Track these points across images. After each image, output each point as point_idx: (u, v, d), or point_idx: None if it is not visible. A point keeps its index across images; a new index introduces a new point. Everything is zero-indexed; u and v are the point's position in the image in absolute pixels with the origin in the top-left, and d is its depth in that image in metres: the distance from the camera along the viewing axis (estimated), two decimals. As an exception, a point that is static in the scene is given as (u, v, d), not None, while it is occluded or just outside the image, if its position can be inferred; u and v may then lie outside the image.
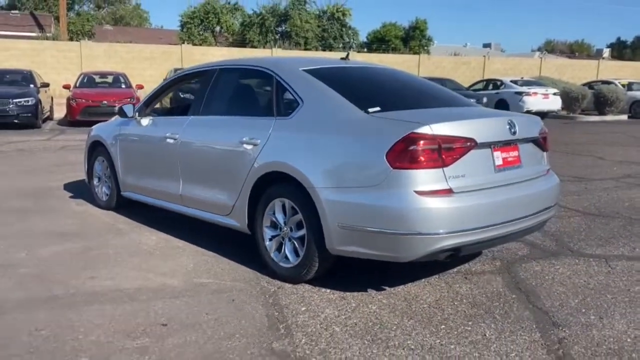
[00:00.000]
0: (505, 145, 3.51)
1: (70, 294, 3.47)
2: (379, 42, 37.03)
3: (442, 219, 3.12)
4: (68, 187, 6.86)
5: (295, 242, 3.65)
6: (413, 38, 36.69)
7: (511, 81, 20.63)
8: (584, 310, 3.33)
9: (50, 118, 16.55)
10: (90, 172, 6.00)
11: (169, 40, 36.33)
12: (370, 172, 3.20)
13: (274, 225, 3.79)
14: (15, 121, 13.55)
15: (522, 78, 21.74)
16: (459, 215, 3.16)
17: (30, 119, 13.81)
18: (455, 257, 3.33)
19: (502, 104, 19.97)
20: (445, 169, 3.15)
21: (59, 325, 3.01)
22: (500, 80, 21.12)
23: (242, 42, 33.62)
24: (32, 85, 14.95)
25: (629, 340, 2.96)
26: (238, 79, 4.51)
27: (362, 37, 37.90)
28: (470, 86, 21.77)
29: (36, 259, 4.13)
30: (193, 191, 4.44)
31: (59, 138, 12.43)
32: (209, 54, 24.19)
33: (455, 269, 4.01)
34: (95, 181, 5.91)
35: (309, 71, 3.89)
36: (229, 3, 34.98)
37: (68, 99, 14.83)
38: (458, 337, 2.96)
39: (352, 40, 38.16)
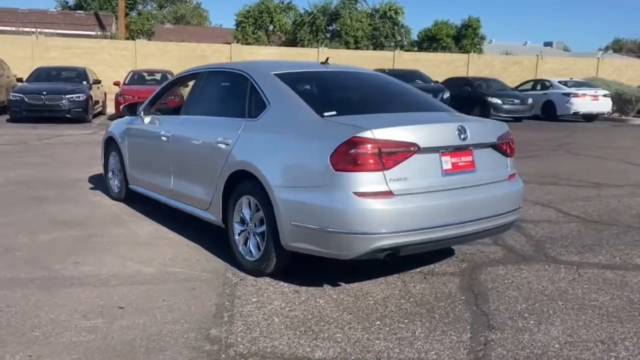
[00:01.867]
0: (456, 150, 3.59)
1: (50, 277, 3.83)
2: (429, 40, 36.60)
3: (380, 220, 3.25)
4: (92, 179, 7.35)
5: (257, 238, 3.87)
6: (465, 37, 36.03)
7: (559, 82, 20.01)
8: (526, 315, 3.37)
9: (102, 113, 17.52)
10: (106, 165, 6.44)
11: (225, 39, 37.31)
12: (317, 173, 3.37)
13: (242, 221, 4.02)
14: (67, 115, 14.45)
15: (571, 79, 21.03)
16: (398, 217, 3.29)
17: (81, 114, 14.69)
18: (395, 257, 3.45)
19: (549, 106, 19.46)
20: (385, 172, 3.28)
21: (28, 304, 3.36)
22: (549, 81, 20.54)
23: (293, 42, 34.11)
24: (84, 82, 15.87)
25: (556, 346, 3.00)
26: (220, 82, 4.78)
27: (414, 36, 37.55)
28: (517, 87, 21.27)
29: (35, 244, 4.55)
30: (181, 186, 4.75)
31: (103, 132, 13.14)
32: (258, 53, 24.76)
33: (418, 269, 4.11)
34: (110, 174, 6.34)
35: (279, 75, 4.10)
36: (282, 2, 35.51)
37: (116, 95, 15.63)
38: (388, 334, 3.10)
39: (403, 38, 37.93)
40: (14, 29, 25.45)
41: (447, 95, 18.28)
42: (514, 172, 4.04)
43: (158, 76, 17.67)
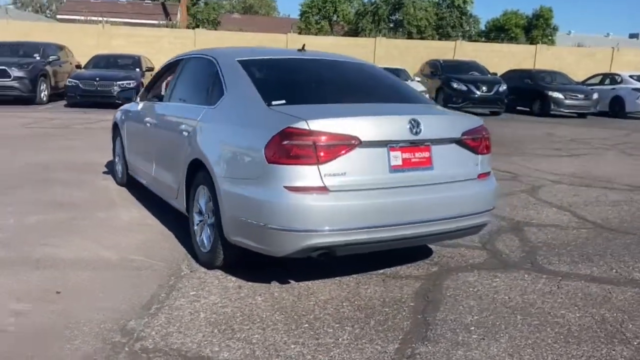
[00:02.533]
0: (410, 145, 3.32)
1: (11, 257, 3.91)
2: (497, 30, 35.14)
3: (312, 217, 3.06)
4: (110, 164, 7.53)
5: (209, 229, 3.77)
6: (536, 27, 34.28)
7: (631, 76, 18.59)
8: (472, 328, 3.08)
9: None
10: (114, 150, 6.57)
11: (289, 29, 37.54)
12: (253, 165, 3.22)
13: (200, 212, 3.94)
14: (118, 101, 14.95)
15: (643, 72, 19.51)
16: (333, 214, 3.08)
17: (130, 100, 15.16)
18: (330, 257, 3.24)
19: (617, 101, 18.19)
20: (320, 166, 3.07)
21: None
22: (619, 75, 19.15)
23: (355, 31, 33.79)
24: (137, 69, 16.38)
25: (489, 365, 2.71)
26: (194, 68, 4.69)
27: (481, 26, 36.18)
28: (584, 81, 19.98)
29: (18, 226, 4.67)
30: (158, 173, 4.73)
31: None
32: (314, 43, 24.57)
33: (382, 270, 3.88)
34: (116, 159, 6.46)
35: (242, 61, 3.96)
36: (346, -9, 35.31)
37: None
38: (309, 338, 2.91)
39: (471, 28, 36.65)
40: (82, 18, 26.73)
41: (503, 87, 17.46)
42: (487, 170, 3.71)
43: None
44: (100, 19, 24.75)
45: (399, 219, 3.25)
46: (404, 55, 23.85)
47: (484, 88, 17.22)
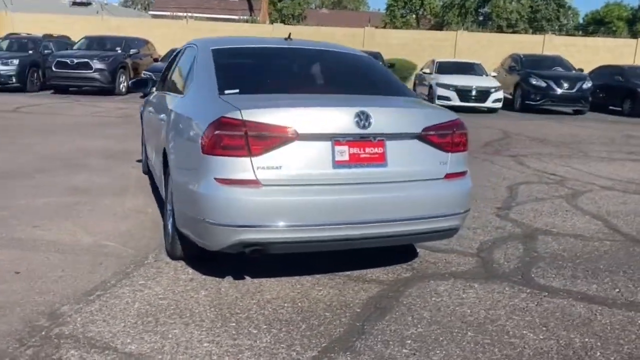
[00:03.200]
0: (360, 140, 3.08)
1: (-4, 237, 4.11)
2: (596, 24, 32.64)
3: (242, 211, 2.92)
4: (148, 152, 7.78)
5: (172, 219, 3.74)
6: (641, 19, 31.47)
7: None
8: (409, 342, 2.81)
9: None
10: (142, 139, 6.76)
11: (375, 23, 37.20)
12: (193, 155, 3.13)
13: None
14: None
15: None
16: (265, 210, 2.92)
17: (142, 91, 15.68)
18: (262, 254, 3.07)
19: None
20: (253, 158, 2.92)
21: None
22: None
23: (441, 25, 32.83)
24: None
25: (403, 384, 2.45)
26: (183, 57, 4.66)
27: (580, 19, 33.79)
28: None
29: (25, 206, 4.91)
30: (154, 162, 4.78)
31: None
32: (391, 37, 24.24)
33: (349, 272, 3.65)
34: (142, 148, 6.64)
35: (215, 50, 3.87)
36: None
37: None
38: (227, 338, 2.79)
39: (570, 21, 34.39)
40: (169, 13, 27.98)
41: (588, 85, 16.16)
42: (459, 170, 3.38)
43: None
44: (184, 14, 25.78)
45: (343, 218, 3.03)
46: (487, 49, 22.77)
47: (566, 85, 16.03)
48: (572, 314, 3.19)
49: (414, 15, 36.95)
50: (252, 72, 3.77)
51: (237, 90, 3.34)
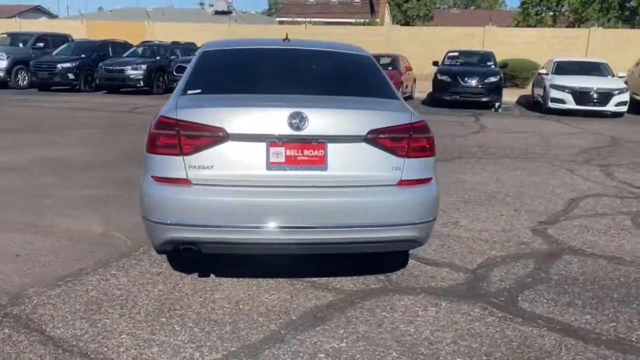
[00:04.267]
0: (298, 141, 2.97)
1: (23, 221, 4.57)
2: None
3: (171, 210, 2.96)
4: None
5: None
6: None
7: None
8: (321, 355, 2.66)
9: (410, 97, 17.72)
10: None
11: (508, 23, 35.41)
12: (144, 154, 3.23)
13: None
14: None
15: None
16: (195, 209, 2.94)
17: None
18: (195, 253, 3.06)
19: None
20: (185, 157, 2.95)
21: None
22: None
23: (579, 22, 30.29)
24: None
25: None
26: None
27: None
28: None
29: (70, 196, 5.42)
30: None
31: None
32: (513, 35, 22.87)
33: (316, 279, 3.55)
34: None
35: (205, 52, 3.94)
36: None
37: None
38: (148, 332, 2.85)
39: None
40: (289, 19, 28.94)
41: None
42: (416, 177, 3.11)
43: (386, 60, 17.91)
44: (306, 19, 26.53)
45: (278, 222, 2.94)
46: (624, 48, 20.56)
47: None
48: (531, 346, 2.80)
49: (550, 13, 34.47)
50: (225, 73, 3.79)
51: (199, 91, 3.40)
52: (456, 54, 17.34)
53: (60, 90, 17.74)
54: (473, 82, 15.10)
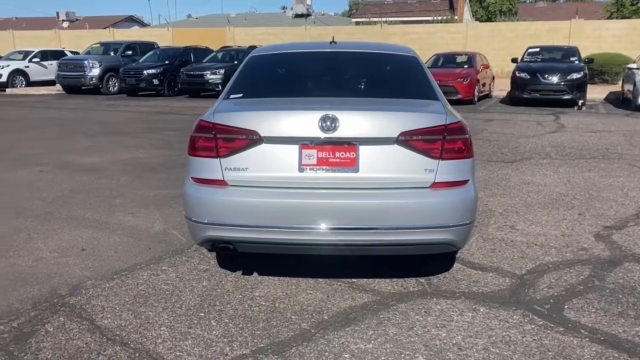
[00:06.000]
0: (329, 143, 3.01)
1: (97, 218, 4.92)
2: None
3: (209, 209, 3.09)
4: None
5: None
6: None
7: None
8: (346, 356, 2.69)
9: (489, 96, 17.39)
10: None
11: (600, 15, 33.48)
12: (186, 156, 3.38)
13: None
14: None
15: None
16: (230, 209, 3.05)
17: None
18: (232, 251, 3.17)
19: None
20: (222, 159, 3.07)
21: (35, 230, 4.53)
22: None
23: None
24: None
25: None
26: None
27: None
28: None
29: (140, 196, 5.76)
30: None
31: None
32: (602, 28, 21.53)
33: (357, 280, 3.57)
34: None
35: (253, 57, 4.06)
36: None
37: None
38: (185, 325, 3.00)
39: None
40: (364, 19, 28.82)
41: None
42: (451, 179, 3.05)
43: (463, 58, 17.48)
44: (382, 19, 26.38)
45: (310, 223, 3.00)
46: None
47: None
48: (569, 357, 2.67)
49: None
50: (267, 77, 3.89)
51: (241, 95, 3.52)
52: (537, 49, 16.60)
53: (147, 95, 18.80)
54: (554, 79, 14.41)
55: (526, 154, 8.20)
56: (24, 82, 22.14)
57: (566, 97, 14.30)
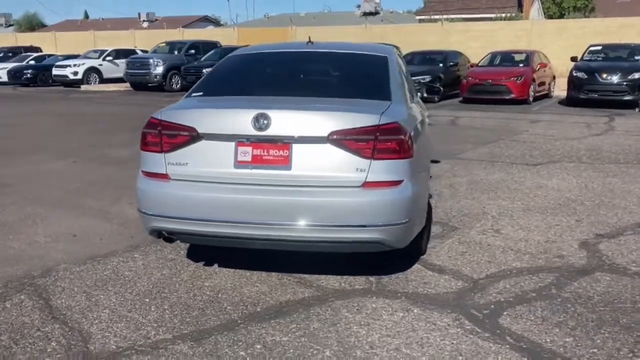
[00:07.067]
0: (264, 141, 3.10)
1: (102, 208, 5.27)
2: None
3: (153, 201, 3.27)
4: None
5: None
6: None
7: None
8: (258, 347, 2.79)
9: (548, 96, 16.96)
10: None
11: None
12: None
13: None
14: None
15: None
16: (171, 202, 3.21)
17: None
18: (172, 241, 3.35)
19: None
20: (165, 154, 3.24)
21: (34, 217, 4.91)
22: None
23: None
24: (440, 65, 16.76)
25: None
26: None
27: None
28: None
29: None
30: None
31: (456, 114, 13.47)
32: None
33: (308, 276, 3.65)
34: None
35: (230, 56, 4.22)
36: None
37: (463, 78, 15.95)
38: (126, 309, 3.20)
39: None
40: (425, 17, 28.31)
41: None
42: (384, 179, 3.06)
43: (521, 56, 16.85)
44: (442, 17, 25.87)
45: (245, 218, 3.11)
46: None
47: None
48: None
49: None
50: (232, 76, 4.01)
51: (201, 93, 3.69)
52: (599, 48, 15.75)
53: (204, 92, 19.47)
54: (613, 78, 13.64)
55: (556, 157, 7.88)
56: (97, 79, 23.59)
57: (627, 98, 13.50)
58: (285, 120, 3.09)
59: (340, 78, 3.92)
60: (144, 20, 54.32)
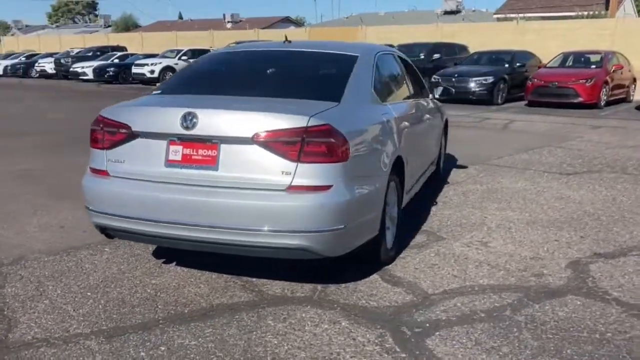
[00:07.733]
0: (194, 140, 3.06)
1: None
2: None
3: (93, 197, 3.33)
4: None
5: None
6: None
7: None
8: (162, 349, 2.76)
9: (626, 100, 16.05)
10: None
11: None
12: None
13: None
14: (472, 97, 15.16)
15: None
16: (107, 199, 3.26)
17: (486, 96, 15.06)
18: (110, 237, 3.40)
19: None
20: (106, 151, 3.28)
21: (25, 206, 5.15)
22: None
23: None
24: (506, 65, 15.98)
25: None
26: None
27: None
28: None
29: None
30: None
31: (513, 117, 12.91)
32: None
33: (260, 280, 3.59)
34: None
35: (207, 54, 4.23)
36: None
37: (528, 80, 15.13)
38: (64, 299, 3.28)
39: None
40: (501, 16, 26.98)
41: None
42: (311, 183, 2.92)
43: (596, 57, 15.74)
44: (518, 15, 24.67)
45: (174, 218, 3.08)
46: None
47: None
48: (374, 384, 2.45)
49: None
50: (192, 75, 4.01)
51: (160, 91, 3.71)
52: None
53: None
54: (696, 82, 12.38)
55: (597, 166, 7.28)
56: (172, 78, 24.62)
57: None
58: (212, 120, 3.03)
59: (297, 78, 3.80)
60: (228, 21, 56.12)
